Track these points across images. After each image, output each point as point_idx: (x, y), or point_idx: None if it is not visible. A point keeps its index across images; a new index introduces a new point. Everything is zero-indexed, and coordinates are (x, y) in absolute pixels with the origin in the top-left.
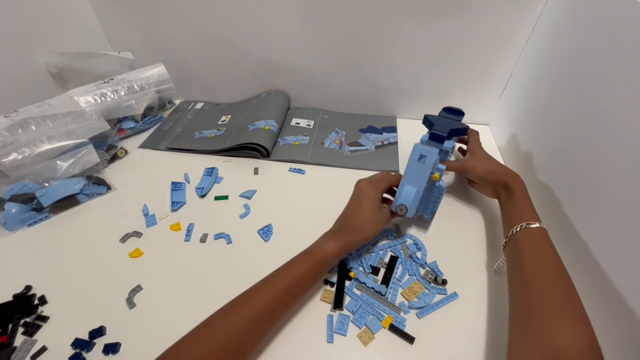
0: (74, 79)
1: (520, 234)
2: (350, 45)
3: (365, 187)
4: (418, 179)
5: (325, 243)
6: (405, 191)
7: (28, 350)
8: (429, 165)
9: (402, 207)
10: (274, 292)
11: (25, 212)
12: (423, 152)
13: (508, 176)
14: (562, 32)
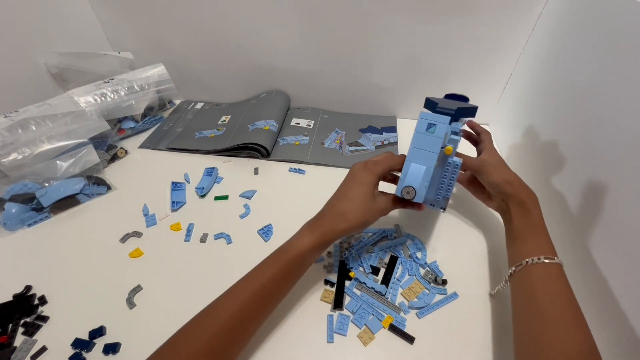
0: (74, 79)
1: (535, 269)
2: (350, 45)
3: (357, 169)
4: (427, 154)
5: (298, 237)
6: (412, 170)
7: (28, 350)
8: (440, 135)
9: (409, 190)
10: (237, 303)
11: (25, 212)
12: (432, 120)
13: (526, 193)
14: (562, 32)
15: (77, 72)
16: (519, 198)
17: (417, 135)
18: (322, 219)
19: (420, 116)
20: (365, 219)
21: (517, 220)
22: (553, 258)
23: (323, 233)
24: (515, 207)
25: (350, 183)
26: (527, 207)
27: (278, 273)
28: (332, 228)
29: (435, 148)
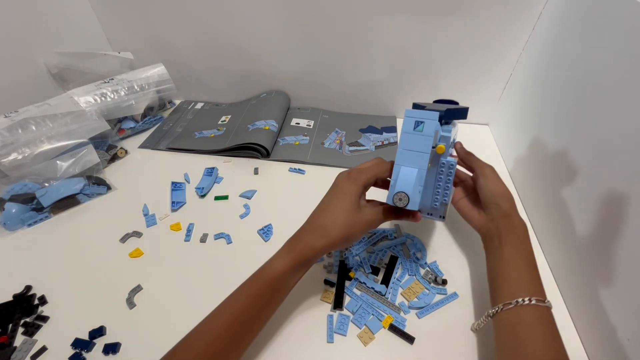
0: (74, 79)
1: (525, 311)
2: (350, 45)
3: (340, 179)
4: (417, 156)
5: (275, 259)
6: (402, 174)
7: (28, 350)
8: (429, 133)
9: (401, 196)
10: (212, 333)
11: (25, 212)
12: (419, 117)
13: (520, 219)
14: (562, 32)
15: (77, 72)
16: (512, 222)
17: (405, 135)
18: (300, 236)
19: (405, 114)
20: (347, 233)
21: (509, 250)
22: (544, 300)
23: (300, 252)
24: (508, 232)
25: (332, 194)
26: (520, 236)
27: (253, 300)
28: (311, 245)
29: (426, 148)
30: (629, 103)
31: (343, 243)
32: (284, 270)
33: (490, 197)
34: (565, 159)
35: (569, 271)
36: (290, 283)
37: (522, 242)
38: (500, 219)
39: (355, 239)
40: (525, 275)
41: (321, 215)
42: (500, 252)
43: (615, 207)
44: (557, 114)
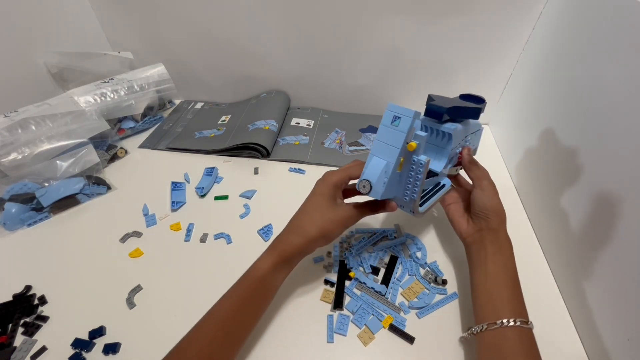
0: (74, 79)
1: (509, 331)
2: (350, 44)
3: (316, 182)
4: (389, 149)
5: (260, 259)
6: (372, 163)
7: (28, 350)
8: (403, 130)
9: (365, 183)
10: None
11: (25, 212)
12: (397, 113)
13: (507, 237)
14: (562, 32)
15: (77, 72)
16: (499, 238)
17: (382, 127)
18: (281, 237)
19: (387, 108)
20: (323, 230)
21: (494, 266)
22: (527, 322)
23: (281, 251)
24: (494, 248)
25: (309, 196)
26: (506, 253)
27: (241, 301)
28: (290, 243)
29: (397, 142)
30: (629, 103)
31: (321, 239)
32: (268, 268)
33: (481, 209)
34: (565, 159)
35: (568, 271)
36: (275, 281)
37: (508, 260)
38: (488, 232)
39: (332, 235)
40: (509, 295)
41: (299, 217)
42: (485, 267)
43: (616, 207)
44: (557, 114)
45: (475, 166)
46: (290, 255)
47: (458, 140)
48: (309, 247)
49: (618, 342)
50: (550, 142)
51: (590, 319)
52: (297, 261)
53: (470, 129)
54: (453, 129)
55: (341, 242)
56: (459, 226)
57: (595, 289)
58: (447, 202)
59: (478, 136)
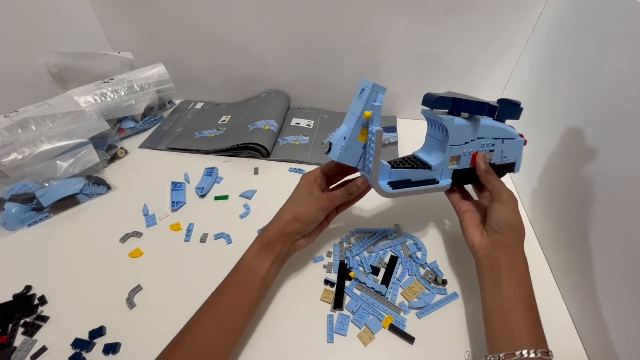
0: (74, 79)
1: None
2: (349, 44)
3: None
4: (352, 117)
5: (246, 251)
6: (337, 130)
7: (28, 350)
8: (363, 100)
9: (326, 144)
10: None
11: (25, 212)
12: (364, 85)
13: (523, 255)
14: (562, 32)
15: (77, 72)
16: (516, 257)
17: (354, 100)
18: (264, 228)
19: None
20: (295, 214)
21: (509, 287)
22: (548, 352)
23: (262, 237)
24: (510, 267)
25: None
26: (522, 273)
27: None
28: (268, 229)
29: (357, 111)
30: (629, 103)
31: (294, 222)
32: (252, 254)
33: (498, 223)
34: (565, 159)
35: (568, 271)
36: (258, 267)
37: (524, 281)
38: (502, 248)
39: (304, 217)
40: (527, 321)
41: (279, 210)
42: (499, 287)
43: (616, 206)
44: (557, 114)
45: (492, 177)
46: (268, 240)
47: (462, 138)
48: (284, 229)
49: (618, 342)
50: (550, 142)
51: (590, 319)
52: (280, 247)
53: (489, 131)
54: (445, 120)
55: (341, 242)
56: (471, 237)
57: (595, 289)
58: (463, 209)
59: (514, 147)
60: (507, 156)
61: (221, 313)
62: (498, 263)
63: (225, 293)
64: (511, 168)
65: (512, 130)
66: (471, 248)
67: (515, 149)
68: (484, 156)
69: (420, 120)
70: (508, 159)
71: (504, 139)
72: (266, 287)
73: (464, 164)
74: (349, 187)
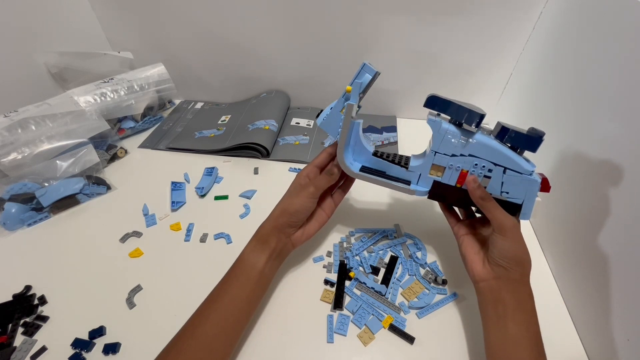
0: (73, 79)
1: None
2: (349, 44)
3: None
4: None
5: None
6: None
7: (28, 350)
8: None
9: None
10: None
11: (25, 211)
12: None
13: (529, 290)
14: (562, 32)
15: (77, 71)
16: (522, 293)
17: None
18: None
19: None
20: (283, 207)
21: (515, 326)
22: None
23: (256, 233)
24: (515, 304)
25: None
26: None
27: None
28: (263, 226)
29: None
30: (629, 103)
31: (282, 215)
32: (249, 250)
33: (501, 257)
34: (566, 160)
35: (568, 271)
36: (257, 262)
37: (531, 319)
38: (507, 282)
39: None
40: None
41: None
42: (504, 326)
43: (616, 207)
44: (557, 114)
45: (491, 204)
46: (262, 236)
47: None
48: (275, 223)
49: (618, 342)
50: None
51: (590, 319)
52: (274, 241)
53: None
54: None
55: (341, 242)
56: (472, 266)
57: (595, 290)
58: (461, 233)
59: (522, 185)
60: (510, 193)
61: (221, 307)
62: (502, 299)
63: (224, 288)
64: (515, 210)
65: (524, 164)
66: (472, 277)
67: (524, 188)
68: (474, 180)
69: (420, 120)
70: (511, 196)
71: (506, 168)
72: (264, 280)
73: (448, 178)
74: (329, 167)
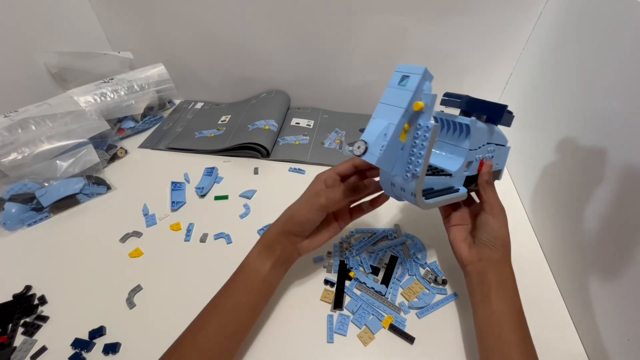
0: (73, 79)
1: None
2: (349, 44)
3: None
4: (393, 110)
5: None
6: (370, 125)
7: (28, 350)
8: (410, 88)
9: (360, 144)
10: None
11: (25, 212)
12: (406, 71)
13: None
14: (562, 32)
15: (77, 71)
16: (504, 272)
17: (388, 90)
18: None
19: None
20: (291, 214)
21: (499, 303)
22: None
23: (262, 238)
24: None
25: None
26: (510, 288)
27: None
28: (269, 231)
29: (402, 102)
30: (629, 103)
31: (288, 222)
32: (254, 256)
33: (489, 237)
34: (566, 159)
35: (568, 271)
36: (262, 269)
37: (513, 296)
38: (491, 263)
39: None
40: (517, 337)
41: None
42: (489, 303)
43: (616, 206)
44: (558, 114)
45: (490, 187)
46: (267, 242)
47: (479, 142)
48: (281, 229)
49: (618, 342)
50: (550, 142)
51: (590, 319)
52: (279, 249)
53: (495, 136)
54: (470, 120)
55: (341, 242)
56: (459, 251)
57: (595, 289)
58: (452, 223)
59: (504, 154)
60: (499, 163)
61: (222, 314)
62: (487, 279)
63: (226, 294)
64: (497, 176)
65: (505, 137)
66: (460, 262)
67: (504, 156)
68: (490, 165)
69: None
70: (499, 165)
71: (501, 145)
72: (268, 288)
73: (473, 170)
74: (352, 185)
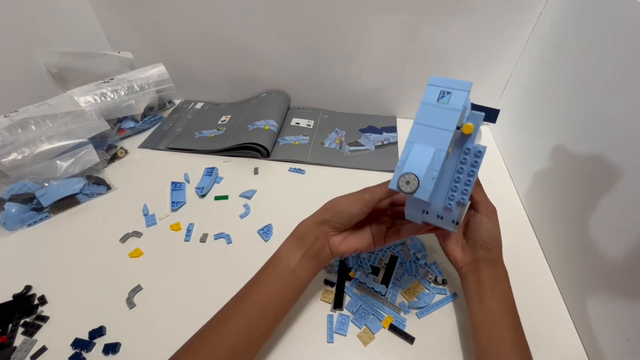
0: (74, 79)
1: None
2: (350, 44)
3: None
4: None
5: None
6: (414, 152)
7: (28, 350)
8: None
9: (409, 178)
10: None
11: (25, 212)
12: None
13: (504, 269)
14: (562, 31)
15: (77, 72)
16: (498, 272)
17: (424, 107)
18: None
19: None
20: (332, 203)
21: (493, 302)
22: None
23: (295, 229)
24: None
25: None
26: (504, 288)
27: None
28: (303, 221)
29: (450, 124)
30: (629, 103)
31: (327, 211)
32: (284, 247)
33: (485, 238)
34: (566, 159)
35: (568, 271)
36: (290, 261)
37: (506, 295)
38: (485, 264)
39: (340, 208)
40: (512, 335)
41: None
42: (484, 303)
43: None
44: (558, 114)
45: (481, 189)
46: (300, 232)
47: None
48: (317, 218)
49: (618, 342)
50: (550, 142)
51: (590, 319)
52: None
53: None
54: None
55: None
56: (453, 254)
57: (595, 289)
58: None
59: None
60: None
61: (249, 306)
62: (482, 279)
63: (255, 285)
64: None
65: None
66: (455, 265)
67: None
68: None
69: None
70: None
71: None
72: (297, 282)
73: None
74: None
